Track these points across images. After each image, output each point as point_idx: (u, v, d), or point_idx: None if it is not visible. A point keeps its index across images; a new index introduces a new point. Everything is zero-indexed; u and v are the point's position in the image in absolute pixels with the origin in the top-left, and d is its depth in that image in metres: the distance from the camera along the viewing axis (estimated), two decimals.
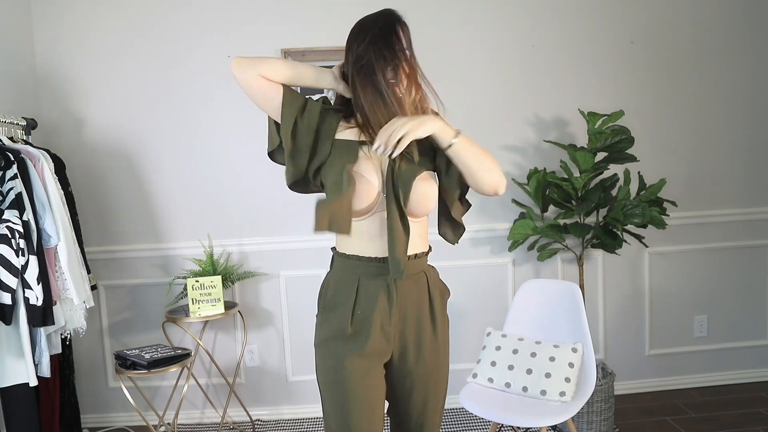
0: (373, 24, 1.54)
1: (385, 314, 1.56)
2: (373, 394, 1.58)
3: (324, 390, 1.60)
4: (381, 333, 1.56)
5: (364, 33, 1.53)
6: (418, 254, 1.61)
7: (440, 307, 1.66)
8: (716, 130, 3.30)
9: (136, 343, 3.16)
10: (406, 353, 1.60)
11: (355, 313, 1.56)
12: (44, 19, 3.06)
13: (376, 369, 1.59)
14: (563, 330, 2.50)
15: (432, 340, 1.62)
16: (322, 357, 1.60)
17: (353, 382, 1.54)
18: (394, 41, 1.51)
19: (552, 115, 3.21)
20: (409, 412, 1.66)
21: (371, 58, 1.50)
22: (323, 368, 1.60)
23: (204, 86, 3.11)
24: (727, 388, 3.36)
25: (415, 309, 1.60)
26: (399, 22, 1.54)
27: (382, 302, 1.55)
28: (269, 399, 3.27)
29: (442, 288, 1.69)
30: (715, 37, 3.24)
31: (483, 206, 3.21)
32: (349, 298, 1.57)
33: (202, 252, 3.10)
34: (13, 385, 2.28)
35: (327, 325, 1.60)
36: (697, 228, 3.32)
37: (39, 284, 2.28)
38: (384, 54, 1.50)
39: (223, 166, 3.14)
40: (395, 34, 1.52)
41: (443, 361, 1.67)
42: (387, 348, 1.59)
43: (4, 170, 2.32)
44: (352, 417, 1.54)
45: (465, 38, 3.15)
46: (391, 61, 1.50)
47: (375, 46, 1.50)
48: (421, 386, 1.63)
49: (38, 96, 3.08)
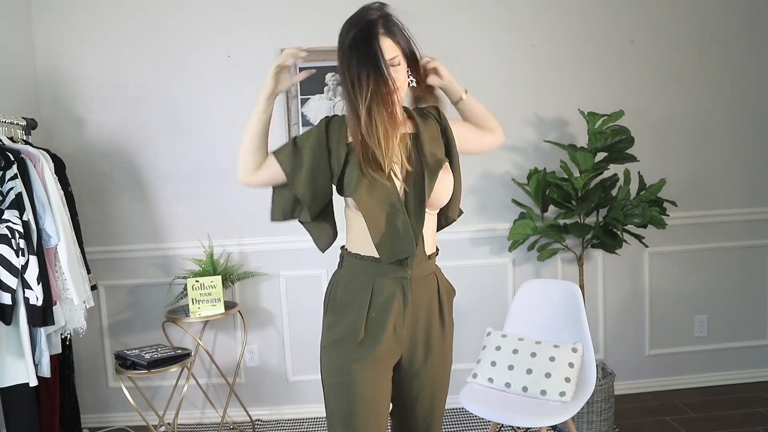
0: (353, 43, 1.47)
1: (399, 315, 1.55)
2: (379, 396, 1.57)
3: (330, 392, 1.58)
4: (393, 335, 1.55)
5: (343, 51, 1.48)
6: (430, 255, 1.61)
7: (448, 308, 1.67)
8: (716, 130, 3.30)
9: (136, 343, 3.16)
10: (415, 355, 1.60)
11: (370, 315, 1.53)
12: (44, 19, 3.06)
13: (385, 372, 1.58)
14: (563, 330, 2.50)
15: (440, 340, 1.63)
16: (330, 359, 1.57)
17: (362, 385, 1.53)
18: (372, 67, 1.45)
19: (552, 115, 3.21)
20: (417, 413, 1.65)
21: (351, 85, 1.47)
22: (331, 370, 1.57)
23: (204, 86, 3.11)
24: (727, 388, 3.35)
25: (425, 310, 1.60)
26: (377, 36, 1.47)
27: (397, 303, 1.54)
28: (269, 399, 3.27)
29: (449, 288, 1.70)
30: (715, 36, 3.24)
31: (483, 206, 3.21)
32: (363, 299, 1.54)
33: (202, 252, 3.10)
34: (14, 385, 2.28)
35: (338, 326, 1.57)
36: (697, 228, 3.32)
37: (39, 284, 2.28)
38: (363, 83, 1.46)
39: (223, 166, 3.13)
40: (373, 56, 1.45)
41: (449, 360, 1.68)
42: (397, 350, 1.57)
43: (4, 170, 2.32)
44: (359, 420, 1.53)
45: (465, 38, 3.15)
46: (375, 86, 1.45)
47: (353, 71, 1.46)
48: (428, 387, 1.62)
49: (38, 96, 3.08)
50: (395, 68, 1.49)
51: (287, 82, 1.62)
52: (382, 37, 1.47)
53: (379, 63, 1.44)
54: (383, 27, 1.47)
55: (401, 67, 1.51)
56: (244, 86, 3.10)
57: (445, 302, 1.65)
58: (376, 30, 1.46)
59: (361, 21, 1.47)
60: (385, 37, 1.47)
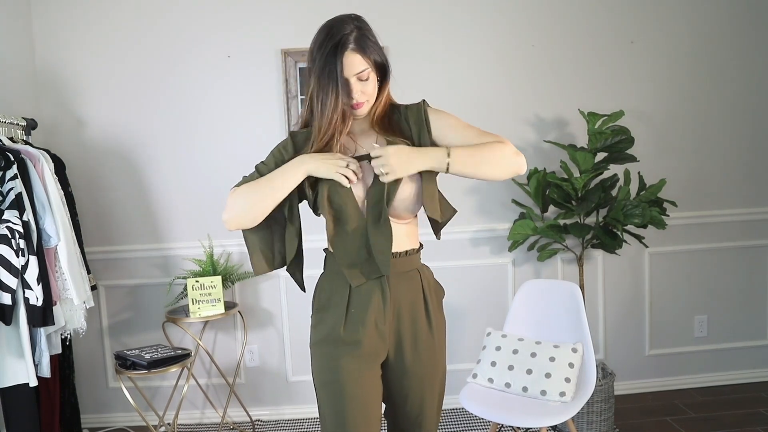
0: (321, 58, 1.49)
1: (380, 312, 1.56)
2: (369, 394, 1.58)
3: (320, 391, 1.61)
4: (376, 332, 1.56)
5: (314, 68, 1.51)
6: (408, 251, 1.61)
7: (436, 306, 1.66)
8: (716, 130, 3.30)
9: (136, 343, 3.16)
10: (402, 352, 1.60)
11: (349, 312, 1.56)
12: (44, 19, 3.06)
13: (371, 369, 1.59)
14: (563, 330, 2.50)
15: (428, 338, 1.62)
16: (317, 358, 1.61)
17: (349, 382, 1.55)
18: (334, 82, 1.47)
19: (552, 115, 3.21)
20: (407, 413, 1.66)
21: (315, 94, 1.51)
22: (319, 369, 1.61)
23: (204, 86, 3.11)
24: (727, 388, 3.36)
25: (409, 307, 1.60)
26: (343, 50, 1.47)
27: (376, 300, 1.55)
28: (269, 399, 3.27)
29: (436, 287, 1.70)
30: (715, 36, 3.24)
31: (483, 206, 3.21)
32: (342, 297, 1.57)
33: (202, 252, 3.10)
34: (14, 385, 2.28)
35: (322, 325, 1.61)
36: (697, 228, 3.32)
37: (39, 284, 2.28)
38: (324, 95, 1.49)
39: (223, 165, 3.14)
40: (336, 72, 1.47)
41: (440, 360, 1.67)
42: (382, 347, 1.59)
43: (4, 170, 2.32)
44: (349, 418, 1.54)
45: (465, 38, 3.15)
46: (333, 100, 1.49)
47: (319, 82, 1.49)
48: (418, 386, 1.63)
49: (38, 96, 3.08)
50: (363, 82, 1.51)
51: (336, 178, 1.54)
52: (351, 52, 1.47)
53: (339, 80, 1.47)
54: (354, 42, 1.48)
55: (370, 81, 1.52)
56: (244, 86, 3.11)
57: (432, 300, 1.64)
58: (345, 47, 1.47)
59: (332, 36, 1.48)
60: (354, 52, 1.48)
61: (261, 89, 3.12)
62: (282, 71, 3.08)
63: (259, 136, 3.11)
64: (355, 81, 1.50)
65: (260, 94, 3.12)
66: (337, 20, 1.51)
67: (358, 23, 1.52)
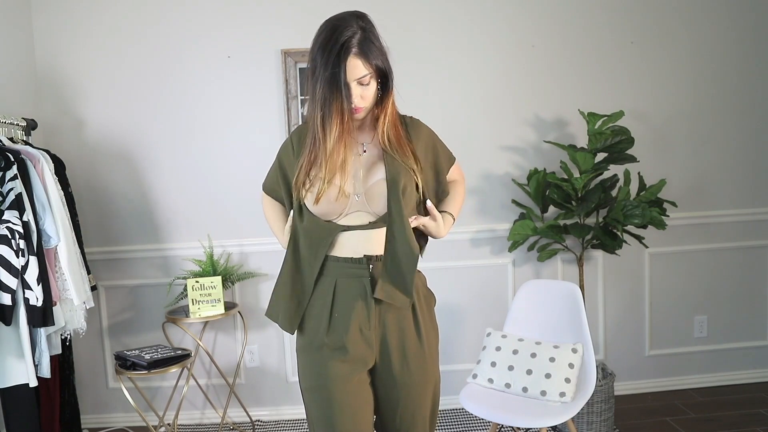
0: (324, 59, 1.45)
1: (364, 317, 1.53)
2: (356, 400, 1.54)
3: (307, 396, 1.58)
4: (361, 337, 1.53)
5: (316, 68, 1.47)
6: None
7: (426, 314, 1.62)
8: (716, 130, 3.30)
9: (136, 344, 3.16)
10: (389, 360, 1.56)
11: (333, 315, 1.53)
12: (44, 19, 3.06)
13: (358, 375, 1.55)
14: (563, 330, 2.50)
15: (417, 347, 1.58)
16: (303, 362, 1.59)
17: (335, 387, 1.51)
18: (338, 88, 1.45)
19: (552, 116, 3.21)
20: (397, 424, 1.62)
21: (316, 101, 1.48)
22: (304, 373, 1.58)
23: (204, 86, 3.11)
24: (727, 388, 3.36)
25: (395, 314, 1.56)
26: (347, 55, 1.44)
27: (359, 304, 1.53)
28: (269, 399, 3.27)
29: (426, 294, 1.65)
30: (715, 37, 3.24)
31: (483, 207, 3.21)
32: (326, 300, 1.54)
33: (202, 252, 3.10)
34: (14, 385, 2.28)
35: (306, 329, 1.58)
36: (697, 228, 3.32)
37: (39, 285, 2.28)
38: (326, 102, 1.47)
39: (223, 165, 3.14)
40: (340, 79, 1.44)
41: (431, 370, 1.62)
42: (369, 353, 1.55)
43: (4, 171, 2.32)
44: (337, 423, 1.51)
45: (465, 38, 3.15)
46: (336, 109, 1.46)
47: (322, 89, 1.46)
48: (408, 396, 1.58)
49: (38, 96, 3.08)
50: (363, 87, 1.48)
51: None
52: (354, 57, 1.44)
53: (342, 85, 1.45)
54: (357, 47, 1.44)
55: (370, 86, 1.49)
56: (244, 87, 3.11)
57: (421, 307, 1.60)
58: (349, 51, 1.44)
59: (336, 39, 1.44)
60: (356, 57, 1.44)
61: (261, 89, 3.12)
62: (282, 71, 3.08)
63: (259, 136, 3.12)
64: (356, 85, 1.47)
65: (260, 95, 3.12)
66: (341, 19, 1.47)
67: (363, 23, 1.47)
